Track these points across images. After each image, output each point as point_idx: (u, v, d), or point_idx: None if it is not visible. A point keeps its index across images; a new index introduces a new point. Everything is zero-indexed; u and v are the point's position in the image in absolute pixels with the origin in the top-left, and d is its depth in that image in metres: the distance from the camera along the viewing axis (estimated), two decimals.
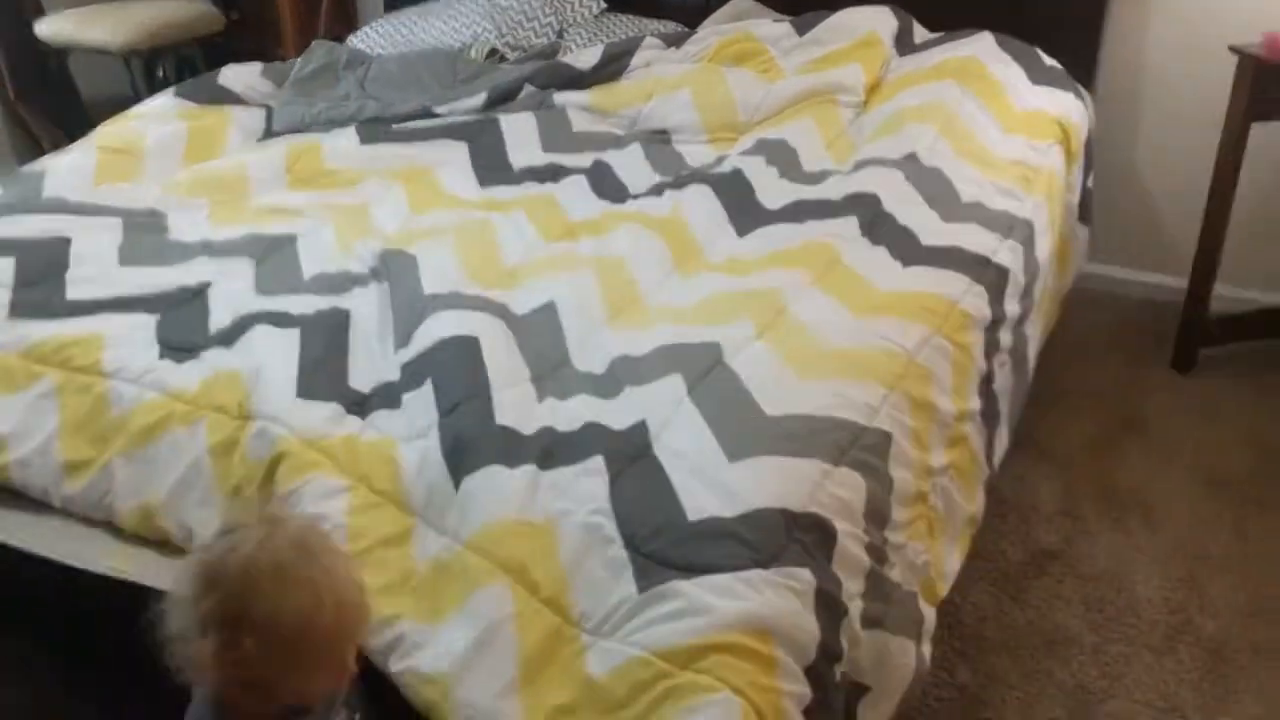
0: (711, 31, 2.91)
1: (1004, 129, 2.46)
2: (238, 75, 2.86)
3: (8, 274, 1.97)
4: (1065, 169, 2.48)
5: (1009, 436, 2.01)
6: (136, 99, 3.20)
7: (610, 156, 2.44)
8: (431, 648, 1.35)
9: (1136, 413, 2.62)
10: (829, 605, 1.34)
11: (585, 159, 2.44)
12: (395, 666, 1.35)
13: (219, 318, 1.86)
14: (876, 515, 1.50)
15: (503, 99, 2.70)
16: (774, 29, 2.86)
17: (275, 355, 1.73)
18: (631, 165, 2.41)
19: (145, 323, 1.85)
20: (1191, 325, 2.77)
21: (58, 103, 3.82)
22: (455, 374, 1.64)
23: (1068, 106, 2.61)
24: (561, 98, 2.69)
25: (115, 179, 2.38)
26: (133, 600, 1.50)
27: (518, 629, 1.32)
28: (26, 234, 2.10)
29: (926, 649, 1.54)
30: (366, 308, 1.87)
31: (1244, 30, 2.63)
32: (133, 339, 1.80)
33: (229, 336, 1.80)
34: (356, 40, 3.26)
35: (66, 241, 2.08)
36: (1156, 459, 2.46)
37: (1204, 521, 2.27)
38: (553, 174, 2.40)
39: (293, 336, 1.77)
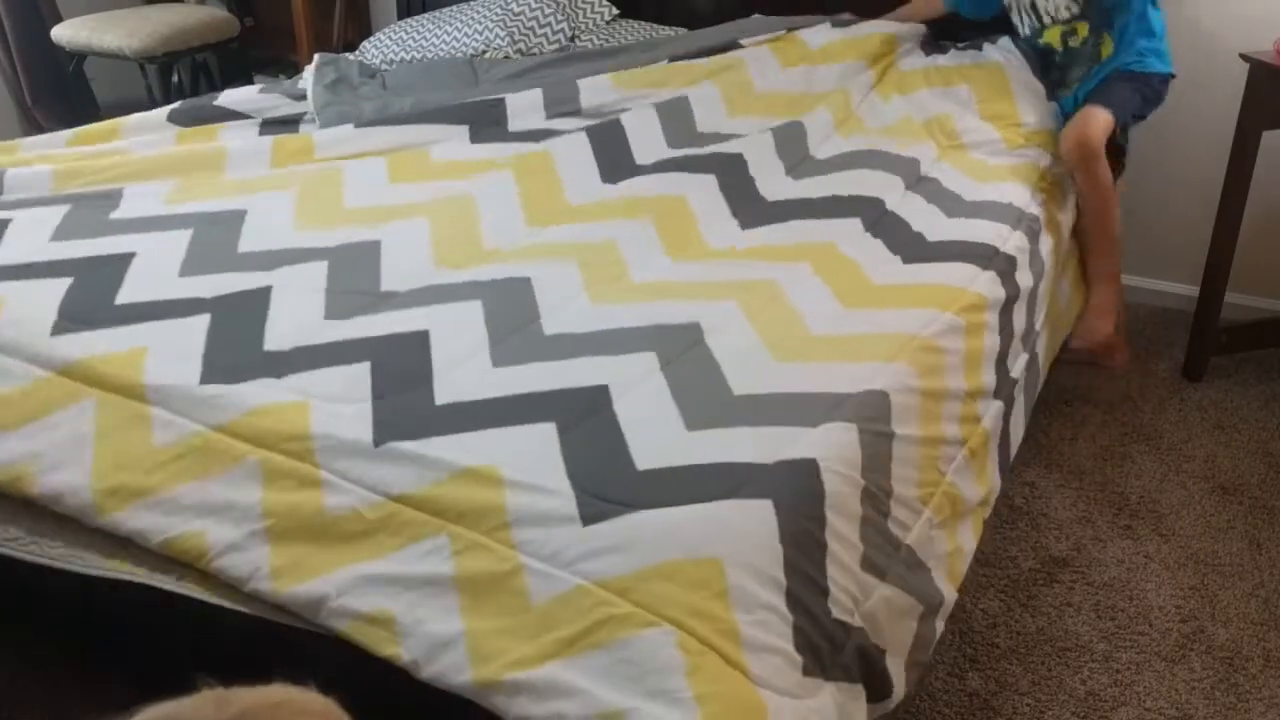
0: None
1: (1010, 145, 2.51)
2: (235, 97, 2.81)
3: None
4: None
5: (1024, 428, 2.02)
6: (152, 104, 3.22)
7: (623, 118, 2.48)
8: (374, 589, 1.32)
9: (1147, 421, 2.62)
10: (799, 536, 1.32)
11: (591, 120, 2.48)
12: (340, 625, 1.31)
13: (129, 292, 1.81)
14: (876, 466, 1.48)
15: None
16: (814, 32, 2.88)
17: (177, 343, 1.67)
18: (642, 128, 2.45)
19: (53, 288, 1.80)
20: (1202, 333, 2.76)
21: (73, 108, 3.84)
22: (397, 364, 1.61)
23: None
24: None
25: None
26: (144, 603, 1.52)
27: (457, 566, 1.30)
28: None
29: (940, 624, 1.54)
30: (295, 283, 1.83)
31: (1256, 38, 2.64)
32: (35, 304, 1.76)
33: (132, 314, 1.75)
34: (370, 45, 3.28)
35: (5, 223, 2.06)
36: (1167, 467, 2.46)
37: (1215, 530, 2.27)
38: (549, 134, 2.43)
39: (200, 323, 1.72)
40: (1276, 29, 2.58)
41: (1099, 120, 2.43)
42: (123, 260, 1.92)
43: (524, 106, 2.56)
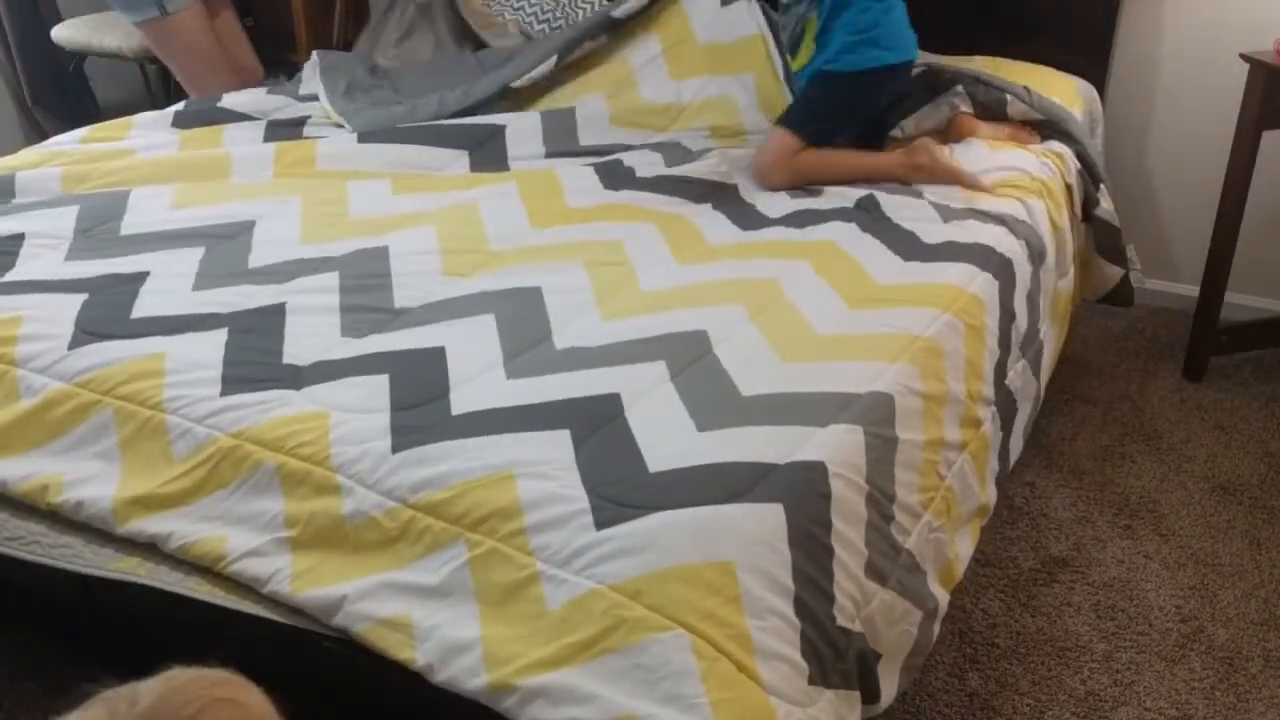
0: None
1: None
2: (239, 98, 2.81)
3: None
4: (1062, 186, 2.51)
5: (1023, 443, 2.01)
6: (152, 104, 3.22)
7: (621, 154, 2.50)
8: (392, 594, 1.33)
9: (1147, 421, 2.62)
10: (806, 541, 1.32)
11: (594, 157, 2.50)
12: (357, 627, 1.32)
13: (145, 307, 1.82)
14: (880, 471, 1.49)
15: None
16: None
17: (195, 355, 1.68)
18: (639, 156, 2.47)
19: (69, 303, 1.82)
20: (1202, 333, 2.76)
21: (73, 108, 3.84)
22: (414, 377, 1.61)
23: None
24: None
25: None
26: (144, 603, 1.52)
27: (474, 571, 1.31)
28: None
29: (935, 627, 1.54)
30: (310, 298, 1.83)
31: (1256, 37, 2.64)
32: (52, 319, 1.78)
33: (148, 328, 1.76)
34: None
35: (20, 237, 2.07)
36: (1167, 467, 2.46)
37: (1215, 530, 2.27)
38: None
39: (218, 338, 1.73)
40: (1276, 29, 2.58)
41: (772, 144, 2.37)
42: (137, 278, 1.93)
43: (525, 135, 2.57)
